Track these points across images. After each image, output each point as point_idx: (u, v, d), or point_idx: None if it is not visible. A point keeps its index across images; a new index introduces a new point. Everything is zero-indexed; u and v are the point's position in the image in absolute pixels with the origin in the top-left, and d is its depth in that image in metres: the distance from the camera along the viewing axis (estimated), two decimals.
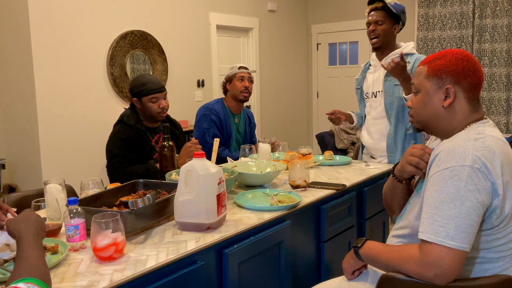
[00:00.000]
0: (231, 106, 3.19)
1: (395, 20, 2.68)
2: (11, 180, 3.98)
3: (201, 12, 5.05)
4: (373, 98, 2.80)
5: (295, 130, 6.60)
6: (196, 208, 1.57)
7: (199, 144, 2.50)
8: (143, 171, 2.38)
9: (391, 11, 2.64)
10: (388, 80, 2.70)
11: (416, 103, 1.46)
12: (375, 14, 2.68)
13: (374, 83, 2.80)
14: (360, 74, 2.94)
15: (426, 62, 1.44)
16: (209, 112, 3.08)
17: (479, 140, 1.30)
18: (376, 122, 2.80)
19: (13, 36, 3.76)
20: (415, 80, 1.46)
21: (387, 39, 2.70)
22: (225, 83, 3.21)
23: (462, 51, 1.42)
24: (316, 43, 6.76)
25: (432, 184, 1.29)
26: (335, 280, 1.65)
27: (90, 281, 1.23)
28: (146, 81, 2.57)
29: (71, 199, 1.48)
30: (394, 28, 2.70)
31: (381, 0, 2.66)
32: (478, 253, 1.32)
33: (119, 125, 2.56)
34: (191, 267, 1.41)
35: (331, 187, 2.16)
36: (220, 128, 3.07)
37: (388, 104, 2.72)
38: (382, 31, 2.67)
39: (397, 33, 2.73)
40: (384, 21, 2.66)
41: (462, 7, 5.37)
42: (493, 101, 5.37)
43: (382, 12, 2.66)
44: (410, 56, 2.69)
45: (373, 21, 2.68)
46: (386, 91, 2.71)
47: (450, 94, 1.38)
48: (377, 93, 2.78)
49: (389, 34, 2.69)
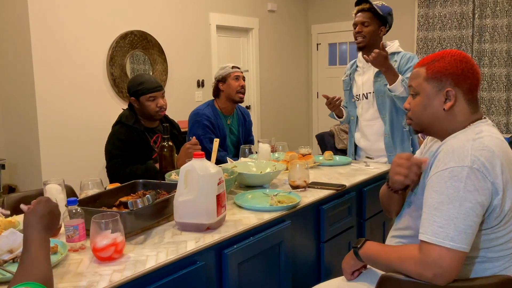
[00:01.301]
0: (223, 108, 3.08)
1: (382, 22, 2.68)
2: (11, 180, 3.98)
3: (201, 12, 5.05)
4: (365, 99, 2.80)
5: (295, 130, 6.60)
6: (195, 209, 1.57)
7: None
8: (142, 171, 2.38)
9: (378, 13, 2.64)
10: (378, 81, 2.71)
11: (415, 106, 1.45)
12: (362, 15, 2.68)
13: (364, 85, 2.80)
14: (347, 76, 2.92)
15: (424, 64, 1.43)
16: (200, 118, 2.98)
17: (477, 140, 1.30)
18: (371, 124, 2.80)
19: (13, 37, 3.77)
20: (413, 82, 1.45)
21: (373, 40, 2.68)
22: (217, 84, 3.07)
23: (459, 52, 1.41)
24: (316, 43, 6.76)
25: (432, 185, 1.29)
26: (335, 281, 1.65)
27: (90, 282, 1.23)
28: (143, 80, 2.57)
29: (71, 200, 1.48)
30: (380, 30, 2.69)
31: (368, 2, 2.66)
32: (478, 253, 1.32)
33: (118, 126, 2.56)
34: (190, 268, 1.41)
35: (331, 187, 2.16)
36: (213, 132, 2.99)
37: (380, 104, 2.72)
38: (368, 33, 2.67)
39: (383, 35, 2.72)
40: (371, 22, 2.66)
41: (462, 7, 5.37)
42: (493, 101, 5.37)
43: (369, 13, 2.66)
44: (397, 55, 2.71)
45: (359, 22, 2.68)
46: (377, 91, 2.72)
47: (450, 96, 1.38)
48: (368, 94, 2.78)
49: (375, 35, 2.68)
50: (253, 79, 5.84)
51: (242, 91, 3.03)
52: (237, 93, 3.02)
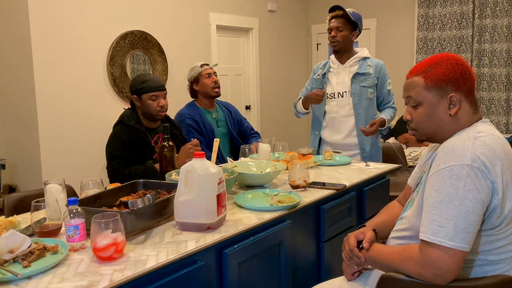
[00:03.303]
0: (204, 105, 3.17)
1: (353, 27, 2.98)
2: (11, 180, 3.98)
3: (201, 12, 5.05)
4: (340, 98, 3.04)
5: (295, 130, 6.60)
6: (196, 208, 1.57)
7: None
8: (141, 172, 2.38)
9: (350, 19, 2.93)
10: (355, 82, 3.00)
11: (419, 117, 1.42)
12: (336, 21, 2.97)
13: (339, 85, 3.05)
14: (319, 74, 3.14)
15: (420, 72, 1.40)
16: (183, 118, 3.04)
17: (479, 139, 1.30)
18: (345, 120, 3.05)
19: (13, 36, 3.76)
20: (412, 93, 1.42)
21: (346, 44, 2.99)
22: (191, 85, 3.17)
23: (452, 55, 1.40)
24: (316, 43, 6.75)
25: (432, 184, 1.29)
26: (335, 281, 1.65)
27: (90, 281, 1.23)
28: (147, 79, 2.58)
29: (71, 199, 1.48)
30: (352, 34, 2.99)
31: (341, 9, 2.95)
32: (479, 256, 1.31)
33: (119, 126, 2.56)
34: (191, 267, 1.41)
35: (331, 187, 2.16)
36: (199, 129, 3.02)
37: (356, 104, 3.00)
38: (342, 37, 2.97)
39: (355, 39, 3.03)
40: (344, 27, 2.96)
41: (462, 7, 5.37)
42: (493, 101, 5.36)
43: (342, 19, 2.95)
44: (369, 60, 3.03)
45: (334, 27, 2.97)
46: (353, 92, 3.00)
47: (455, 102, 1.37)
48: (344, 93, 3.03)
49: (348, 39, 2.99)
50: (253, 79, 5.84)
51: (217, 86, 3.14)
52: (212, 89, 3.12)
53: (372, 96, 3.01)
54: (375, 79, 3.00)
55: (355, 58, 3.03)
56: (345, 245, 1.53)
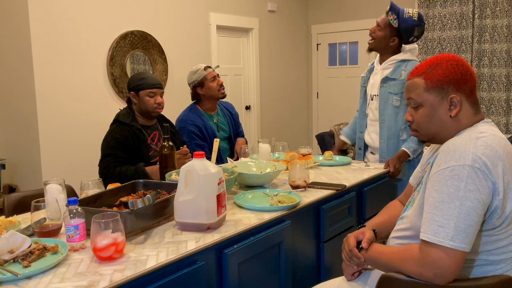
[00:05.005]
0: (206, 108, 3.09)
1: (397, 33, 2.70)
2: (11, 180, 3.98)
3: (201, 12, 5.05)
4: (371, 100, 2.87)
5: (295, 131, 6.60)
6: (196, 209, 1.57)
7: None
8: (131, 173, 2.36)
9: (390, 24, 2.68)
10: (384, 86, 2.76)
11: (420, 118, 1.42)
12: (381, 18, 2.74)
13: (373, 86, 2.85)
14: (366, 73, 2.97)
15: (420, 74, 1.40)
16: (185, 124, 2.99)
17: (480, 139, 1.30)
18: (373, 123, 2.86)
19: (13, 36, 3.76)
20: (413, 94, 1.42)
21: (380, 45, 2.75)
22: (195, 89, 3.07)
23: (452, 56, 1.40)
24: (316, 43, 6.75)
25: (432, 184, 1.29)
26: (335, 281, 1.65)
27: (90, 281, 1.23)
28: (145, 76, 2.61)
29: (71, 199, 1.48)
30: (392, 39, 2.72)
31: (392, 10, 2.67)
32: (479, 256, 1.31)
33: (115, 125, 2.57)
34: (191, 267, 1.41)
35: (331, 187, 2.16)
36: (201, 135, 2.99)
37: (382, 109, 2.78)
38: (377, 36, 2.74)
39: (395, 46, 2.75)
40: (383, 28, 2.71)
41: (462, 8, 5.37)
42: (493, 101, 5.36)
43: (387, 19, 2.70)
44: (409, 63, 2.73)
45: (377, 23, 2.75)
46: (381, 96, 2.77)
47: (456, 103, 1.36)
48: (374, 96, 2.83)
49: (383, 42, 2.73)
50: (253, 79, 5.84)
51: (222, 88, 3.07)
52: (219, 91, 3.05)
53: (398, 103, 2.71)
54: (403, 86, 2.58)
55: (392, 60, 2.75)
56: (345, 245, 1.53)
